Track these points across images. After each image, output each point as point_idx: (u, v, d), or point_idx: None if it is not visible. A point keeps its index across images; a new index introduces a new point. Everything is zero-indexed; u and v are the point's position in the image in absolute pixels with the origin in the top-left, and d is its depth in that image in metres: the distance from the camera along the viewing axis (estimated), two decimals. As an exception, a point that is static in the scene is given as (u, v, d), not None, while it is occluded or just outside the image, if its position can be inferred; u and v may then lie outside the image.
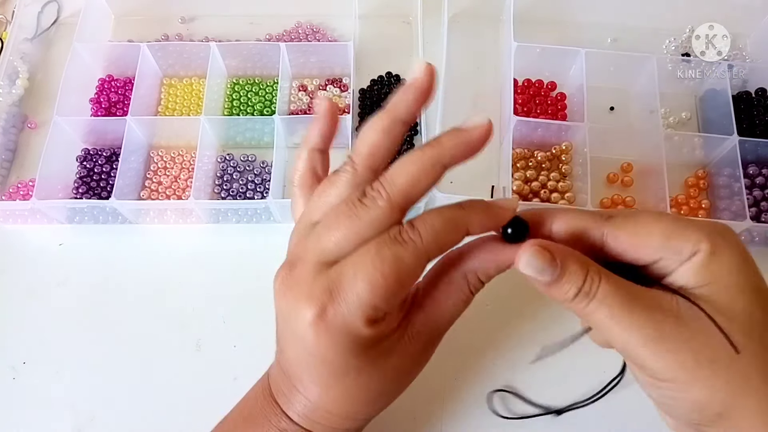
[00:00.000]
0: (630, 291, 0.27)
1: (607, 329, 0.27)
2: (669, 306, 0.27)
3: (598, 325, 0.27)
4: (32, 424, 0.46)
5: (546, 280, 0.27)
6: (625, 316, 0.26)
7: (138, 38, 0.61)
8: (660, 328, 0.26)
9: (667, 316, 0.26)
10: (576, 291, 0.27)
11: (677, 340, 0.26)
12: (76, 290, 0.51)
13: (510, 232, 0.29)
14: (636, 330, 0.26)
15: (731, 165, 0.52)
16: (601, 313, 0.27)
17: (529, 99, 0.58)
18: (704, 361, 0.26)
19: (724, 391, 0.26)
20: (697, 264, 0.27)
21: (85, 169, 0.55)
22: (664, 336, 0.26)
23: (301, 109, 0.58)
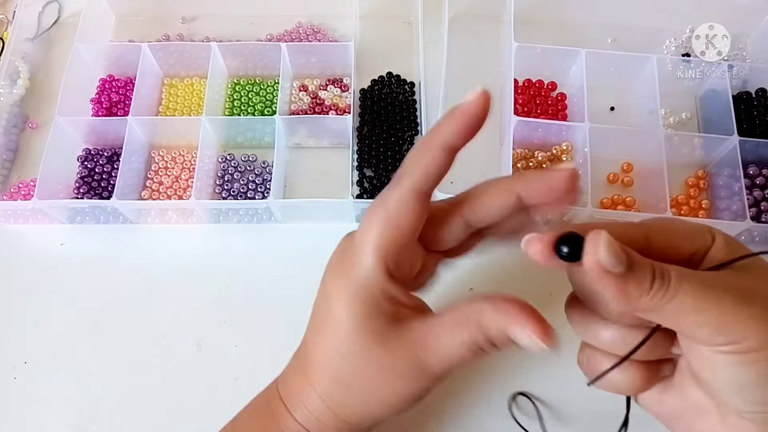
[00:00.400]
0: (695, 272, 0.26)
1: (694, 311, 0.25)
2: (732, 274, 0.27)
3: (680, 311, 0.25)
4: (32, 424, 0.46)
5: (621, 269, 0.25)
6: (708, 290, 0.25)
7: (139, 38, 0.61)
8: (743, 290, 0.25)
9: (740, 280, 0.26)
10: (651, 278, 0.25)
11: (761, 296, 0.25)
12: (77, 290, 0.51)
13: (566, 250, 0.25)
14: (726, 299, 0.25)
15: (731, 165, 0.52)
16: (684, 295, 0.25)
17: (529, 99, 0.58)
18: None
19: None
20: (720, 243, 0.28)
21: (86, 169, 0.55)
22: (748, 296, 0.25)
23: (302, 109, 0.58)
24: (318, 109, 0.57)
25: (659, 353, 0.29)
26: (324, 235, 0.52)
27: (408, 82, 0.59)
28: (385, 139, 0.56)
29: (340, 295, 0.30)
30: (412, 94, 0.59)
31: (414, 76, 0.59)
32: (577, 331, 0.31)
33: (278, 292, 0.50)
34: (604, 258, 0.24)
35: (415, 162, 0.30)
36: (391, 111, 0.57)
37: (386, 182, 0.54)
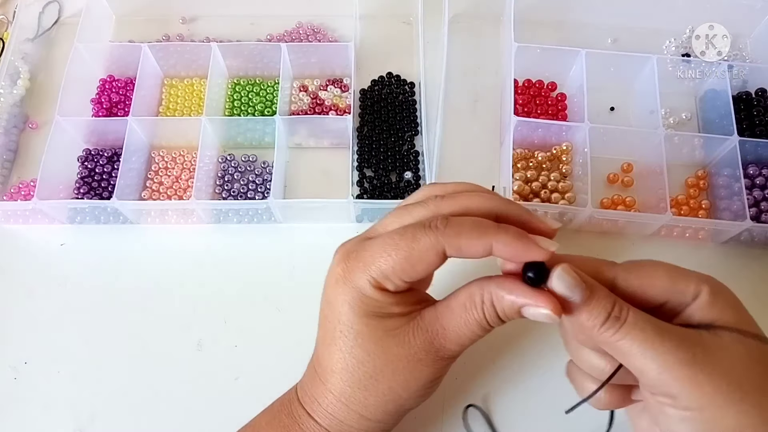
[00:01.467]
0: (656, 320, 0.28)
1: (639, 356, 0.27)
2: (695, 334, 0.28)
3: (628, 352, 0.27)
4: (32, 424, 0.46)
5: (576, 299, 0.27)
6: (658, 340, 0.27)
7: (139, 38, 0.61)
8: (693, 352, 0.26)
9: (696, 342, 0.27)
10: (606, 314, 0.27)
11: (709, 363, 0.26)
12: (78, 290, 0.51)
13: (531, 275, 0.29)
14: (670, 354, 0.26)
15: (731, 165, 0.52)
16: (633, 338, 0.27)
17: (529, 99, 0.58)
18: (735, 384, 0.26)
19: (756, 416, 0.26)
20: (703, 302, 0.28)
21: (87, 170, 0.55)
22: (697, 360, 0.26)
23: (302, 110, 0.58)
24: (318, 110, 0.57)
25: (627, 380, 0.31)
26: (324, 235, 0.52)
27: (408, 82, 0.59)
28: (385, 139, 0.56)
29: (345, 303, 0.32)
30: (412, 94, 0.59)
31: (414, 76, 0.59)
32: (567, 350, 0.34)
33: (278, 292, 0.50)
34: (559, 287, 0.27)
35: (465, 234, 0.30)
36: (391, 111, 0.57)
37: (386, 182, 0.54)
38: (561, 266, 0.28)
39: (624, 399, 0.33)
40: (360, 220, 0.54)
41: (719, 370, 0.26)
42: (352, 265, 0.31)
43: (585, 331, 0.28)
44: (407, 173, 0.54)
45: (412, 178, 0.54)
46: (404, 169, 0.55)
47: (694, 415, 0.26)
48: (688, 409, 0.26)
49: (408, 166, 0.55)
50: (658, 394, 0.27)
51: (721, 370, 0.26)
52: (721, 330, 0.28)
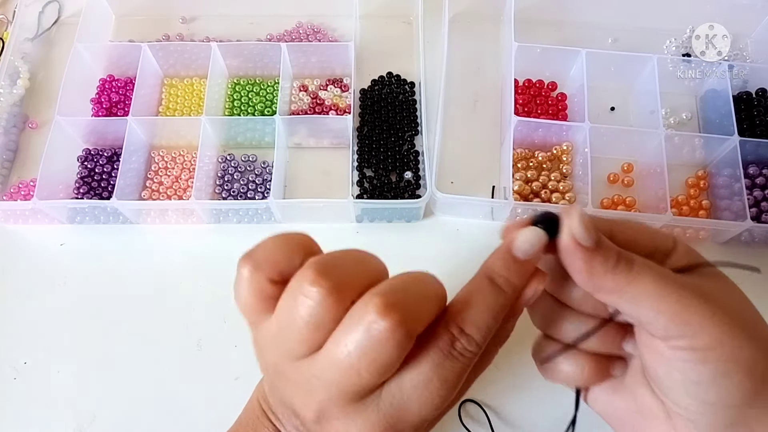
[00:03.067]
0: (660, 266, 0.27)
1: (654, 297, 0.25)
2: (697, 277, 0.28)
3: (640, 296, 0.26)
4: (32, 424, 0.46)
5: (590, 242, 0.26)
6: (671, 279, 0.26)
7: (139, 38, 0.61)
8: (702, 289, 0.26)
9: (702, 282, 0.27)
10: (616, 258, 0.26)
11: (719, 298, 0.26)
12: (77, 290, 0.51)
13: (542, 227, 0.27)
14: (686, 290, 0.25)
15: (732, 165, 0.52)
16: (647, 280, 0.26)
17: (529, 99, 0.58)
18: (745, 318, 0.26)
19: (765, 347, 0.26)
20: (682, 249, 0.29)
21: (86, 169, 0.55)
22: (710, 295, 0.26)
23: (302, 109, 0.58)
24: (318, 109, 0.57)
25: (610, 346, 0.30)
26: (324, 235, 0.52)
27: (408, 82, 0.59)
28: (385, 139, 0.56)
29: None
30: (412, 94, 0.59)
31: (414, 76, 0.59)
32: (537, 321, 0.31)
33: (278, 292, 0.50)
34: (577, 229, 0.26)
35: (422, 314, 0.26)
36: (391, 111, 0.57)
37: (386, 182, 0.54)
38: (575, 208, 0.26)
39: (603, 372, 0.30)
40: (360, 220, 0.54)
41: (725, 304, 0.26)
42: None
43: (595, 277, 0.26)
44: (407, 173, 0.54)
45: (412, 178, 0.54)
46: (404, 169, 0.55)
47: (714, 353, 0.25)
48: (708, 347, 0.25)
49: (408, 166, 0.55)
50: (674, 337, 0.26)
51: (726, 304, 0.26)
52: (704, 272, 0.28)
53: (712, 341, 0.25)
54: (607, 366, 0.30)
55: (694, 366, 0.26)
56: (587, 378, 0.30)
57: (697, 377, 0.26)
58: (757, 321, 0.27)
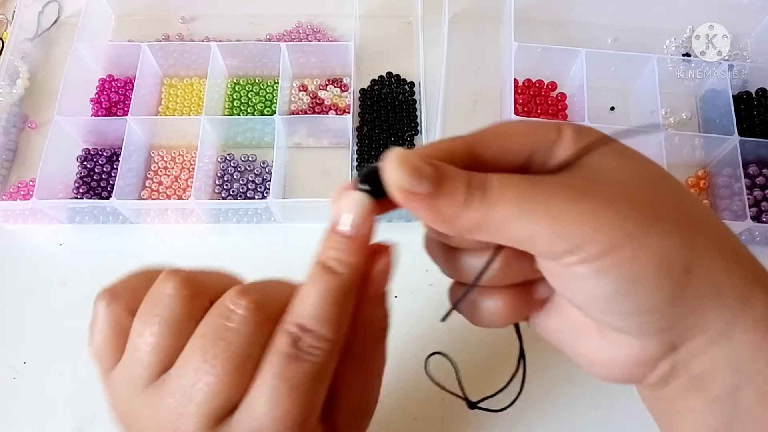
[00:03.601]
0: (523, 175, 0.22)
1: (521, 217, 0.21)
2: (569, 174, 0.22)
3: (506, 221, 0.21)
4: (32, 424, 0.46)
5: (425, 187, 0.21)
6: (535, 189, 0.21)
7: (138, 38, 0.61)
8: (577, 187, 0.21)
9: (576, 176, 0.22)
10: (465, 188, 0.21)
11: (602, 190, 0.21)
12: (77, 290, 0.51)
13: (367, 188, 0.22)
14: (554, 198, 0.21)
15: (732, 165, 0.52)
16: (506, 201, 0.21)
17: (529, 99, 0.58)
18: (641, 204, 0.21)
19: (677, 233, 0.21)
20: (567, 140, 0.23)
21: (86, 169, 0.55)
22: (587, 193, 0.21)
23: (302, 109, 0.58)
24: (318, 109, 0.57)
25: (520, 273, 0.25)
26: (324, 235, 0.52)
27: (408, 82, 0.59)
28: (385, 139, 0.56)
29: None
30: (412, 94, 0.59)
31: (414, 76, 0.59)
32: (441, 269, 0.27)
33: (278, 292, 0.50)
34: (399, 180, 0.21)
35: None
36: (391, 111, 0.57)
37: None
38: (393, 153, 0.21)
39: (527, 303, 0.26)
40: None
41: (617, 193, 0.21)
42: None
43: (448, 222, 0.22)
44: (407, 173, 0.54)
45: (412, 178, 0.54)
46: (404, 169, 0.54)
47: (611, 260, 0.20)
48: (602, 254, 0.20)
49: (408, 165, 0.55)
50: (561, 254, 0.21)
51: (618, 192, 0.21)
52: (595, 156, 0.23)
53: (604, 247, 0.20)
54: (528, 294, 0.26)
55: (594, 280, 0.21)
56: (510, 313, 0.26)
57: (601, 291, 0.21)
58: (669, 199, 0.22)
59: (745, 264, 0.22)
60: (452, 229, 0.22)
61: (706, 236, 0.22)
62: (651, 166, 0.23)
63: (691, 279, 0.21)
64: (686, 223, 0.21)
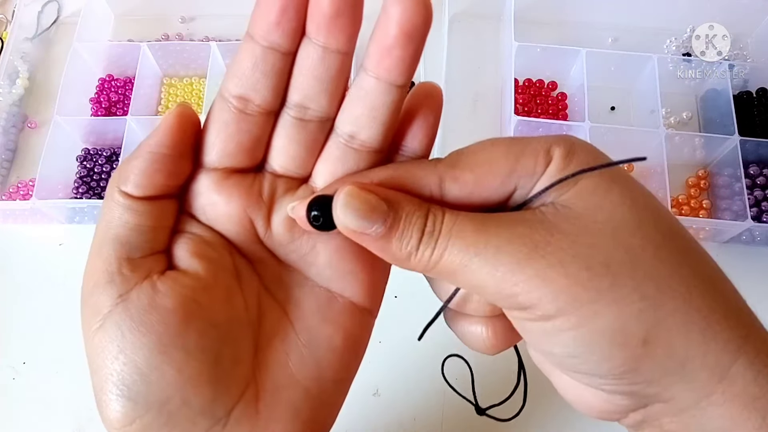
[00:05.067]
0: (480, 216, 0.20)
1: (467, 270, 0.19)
2: (532, 217, 0.20)
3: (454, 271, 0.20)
4: (32, 424, 0.46)
5: (378, 229, 0.20)
6: (482, 241, 0.19)
7: (138, 38, 0.61)
8: (532, 240, 0.19)
9: (537, 225, 0.19)
10: (419, 235, 0.20)
11: (559, 248, 0.19)
12: (76, 290, 0.51)
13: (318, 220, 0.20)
14: (502, 253, 0.19)
15: (732, 165, 0.52)
16: (456, 250, 0.19)
17: (529, 99, 0.58)
18: (599, 267, 0.19)
19: (637, 300, 0.19)
20: (555, 169, 0.20)
21: (86, 169, 0.55)
22: (539, 249, 0.19)
23: (302, 109, 0.58)
24: (318, 109, 0.57)
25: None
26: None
27: (408, 82, 0.59)
28: (385, 138, 0.55)
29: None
30: (412, 93, 0.58)
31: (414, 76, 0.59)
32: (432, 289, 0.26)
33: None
34: (347, 221, 0.20)
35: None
36: (391, 111, 0.57)
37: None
38: (344, 190, 0.20)
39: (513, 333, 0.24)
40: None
41: (574, 251, 0.19)
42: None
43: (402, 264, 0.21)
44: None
45: (412, 178, 0.54)
46: (404, 169, 0.54)
47: (558, 324, 0.19)
48: (549, 318, 0.19)
49: (408, 165, 0.55)
50: (509, 308, 0.20)
51: (576, 249, 0.19)
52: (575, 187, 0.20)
53: (551, 311, 0.19)
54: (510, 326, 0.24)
55: (544, 338, 0.20)
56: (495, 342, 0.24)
57: (552, 349, 0.20)
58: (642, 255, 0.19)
59: (730, 332, 0.19)
60: (405, 267, 0.21)
61: (676, 301, 0.19)
62: (635, 206, 0.20)
63: (649, 352, 0.19)
64: (653, 287, 0.19)
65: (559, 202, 0.20)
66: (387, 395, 0.45)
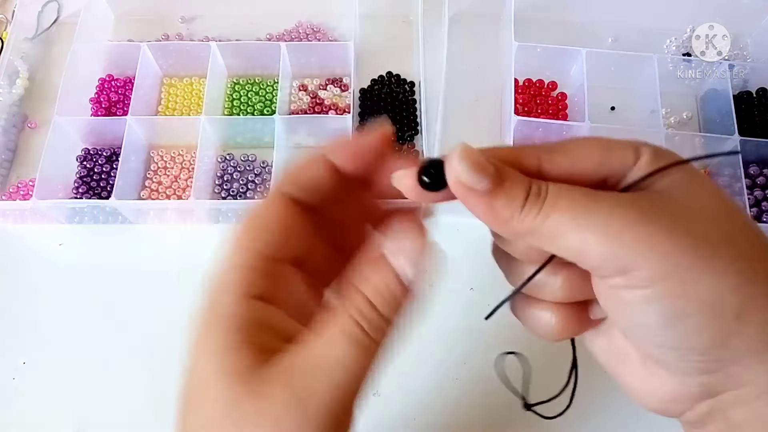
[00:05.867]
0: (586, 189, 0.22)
1: (573, 230, 0.21)
2: (639, 193, 0.22)
3: (559, 232, 0.21)
4: (32, 424, 0.46)
5: (485, 185, 0.21)
6: (592, 204, 0.21)
7: (138, 38, 0.61)
8: (639, 208, 0.21)
9: (642, 198, 0.21)
10: (525, 194, 0.21)
11: (664, 216, 0.20)
12: (76, 290, 0.51)
13: (427, 178, 0.22)
14: (612, 215, 0.20)
15: (732, 165, 0.52)
16: (561, 211, 0.21)
17: (529, 99, 0.58)
18: (701, 237, 0.20)
19: (734, 273, 0.20)
20: (644, 162, 0.22)
21: (85, 169, 0.55)
22: (646, 215, 0.20)
23: (302, 109, 0.58)
24: (318, 109, 0.57)
25: (580, 293, 0.24)
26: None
27: (408, 82, 0.59)
28: (385, 138, 0.55)
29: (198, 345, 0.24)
30: (412, 93, 0.59)
31: (414, 76, 0.59)
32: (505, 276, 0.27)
33: (278, 293, 0.50)
34: (460, 174, 0.21)
35: (291, 166, 0.25)
36: (391, 111, 0.57)
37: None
38: (458, 147, 0.21)
39: (581, 321, 0.26)
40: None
41: (678, 223, 0.20)
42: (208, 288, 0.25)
43: (504, 224, 0.22)
44: (407, 173, 0.54)
45: (412, 178, 0.54)
46: (404, 169, 0.54)
47: (659, 290, 0.20)
48: (651, 282, 0.20)
49: (408, 165, 0.55)
50: (610, 274, 0.21)
51: (679, 223, 0.20)
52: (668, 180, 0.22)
53: (654, 275, 0.20)
54: (583, 313, 0.26)
55: (640, 308, 0.21)
56: (562, 329, 0.26)
57: (647, 320, 0.21)
58: (734, 238, 0.21)
59: None
60: (506, 231, 0.23)
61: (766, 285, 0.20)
62: (722, 199, 0.22)
63: (741, 327, 0.20)
64: (747, 265, 0.20)
65: (655, 189, 0.22)
66: (387, 395, 0.45)
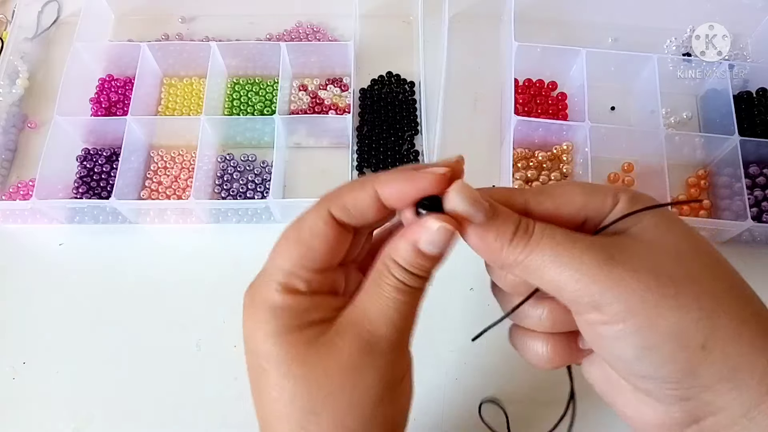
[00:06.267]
0: (567, 230, 0.25)
1: (553, 266, 0.24)
2: (612, 237, 0.25)
3: (540, 266, 0.24)
4: (32, 424, 0.46)
5: (479, 217, 0.24)
6: (569, 243, 0.24)
7: (138, 38, 0.61)
8: (609, 252, 0.23)
9: (613, 243, 0.24)
10: (513, 228, 0.24)
11: (631, 260, 0.23)
12: (76, 290, 0.51)
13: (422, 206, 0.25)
14: (585, 255, 0.23)
15: (732, 165, 0.52)
16: (543, 248, 0.24)
17: (529, 99, 0.58)
18: (665, 277, 0.23)
19: (696, 309, 0.22)
20: (621, 208, 0.25)
21: (85, 169, 0.55)
22: (616, 258, 0.23)
23: (302, 109, 0.58)
24: (318, 109, 0.57)
25: (566, 324, 0.27)
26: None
27: (408, 82, 0.59)
28: (385, 139, 0.56)
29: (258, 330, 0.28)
30: (412, 93, 0.59)
31: (414, 76, 0.59)
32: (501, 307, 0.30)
33: (278, 292, 0.50)
34: (459, 206, 0.24)
35: (346, 189, 0.27)
36: (391, 111, 0.57)
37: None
38: (456, 183, 0.24)
39: (571, 350, 0.28)
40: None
41: (644, 264, 0.23)
42: (256, 282, 0.28)
43: (494, 255, 0.25)
44: (407, 173, 0.54)
45: (412, 178, 0.54)
46: (404, 169, 0.54)
47: (630, 325, 0.23)
48: (622, 318, 0.23)
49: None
50: (584, 310, 0.24)
51: (646, 264, 0.23)
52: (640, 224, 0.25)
53: (624, 311, 0.23)
54: (573, 343, 0.28)
55: (615, 341, 0.23)
56: (554, 358, 0.28)
57: (622, 352, 0.24)
58: (698, 274, 0.24)
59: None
60: (496, 261, 0.25)
61: (729, 315, 0.23)
62: (691, 240, 0.25)
63: (707, 357, 0.22)
64: (710, 300, 0.23)
65: (627, 233, 0.25)
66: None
